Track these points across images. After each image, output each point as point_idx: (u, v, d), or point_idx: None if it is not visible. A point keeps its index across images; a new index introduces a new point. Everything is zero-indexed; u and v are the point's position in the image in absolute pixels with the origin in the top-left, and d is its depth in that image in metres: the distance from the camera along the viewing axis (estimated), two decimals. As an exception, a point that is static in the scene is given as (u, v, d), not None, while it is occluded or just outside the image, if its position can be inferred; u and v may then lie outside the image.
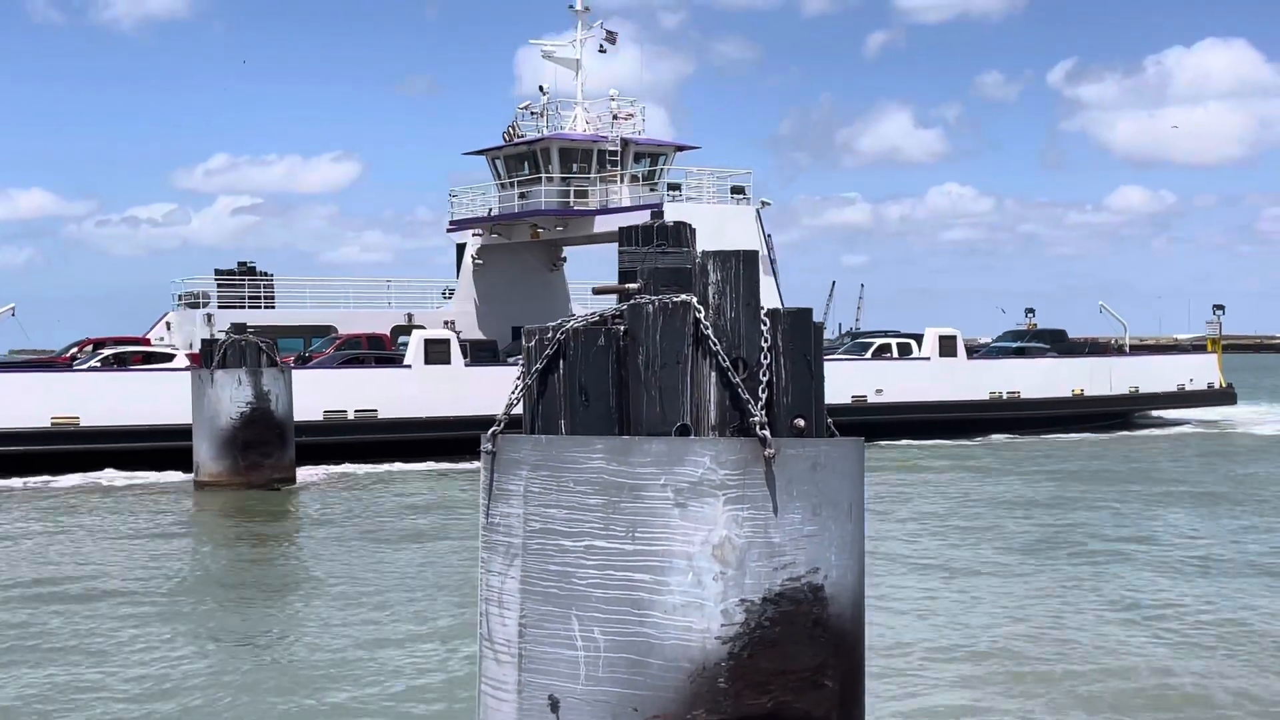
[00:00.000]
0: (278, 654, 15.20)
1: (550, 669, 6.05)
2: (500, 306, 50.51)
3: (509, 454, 6.23)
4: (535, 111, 48.87)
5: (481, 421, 32.07)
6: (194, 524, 26.45)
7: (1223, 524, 24.35)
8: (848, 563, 6.25)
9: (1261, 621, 16.00)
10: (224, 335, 32.80)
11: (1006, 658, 14.44)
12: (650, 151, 48.68)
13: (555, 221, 47.46)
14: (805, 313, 6.37)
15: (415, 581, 19.50)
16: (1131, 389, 50.64)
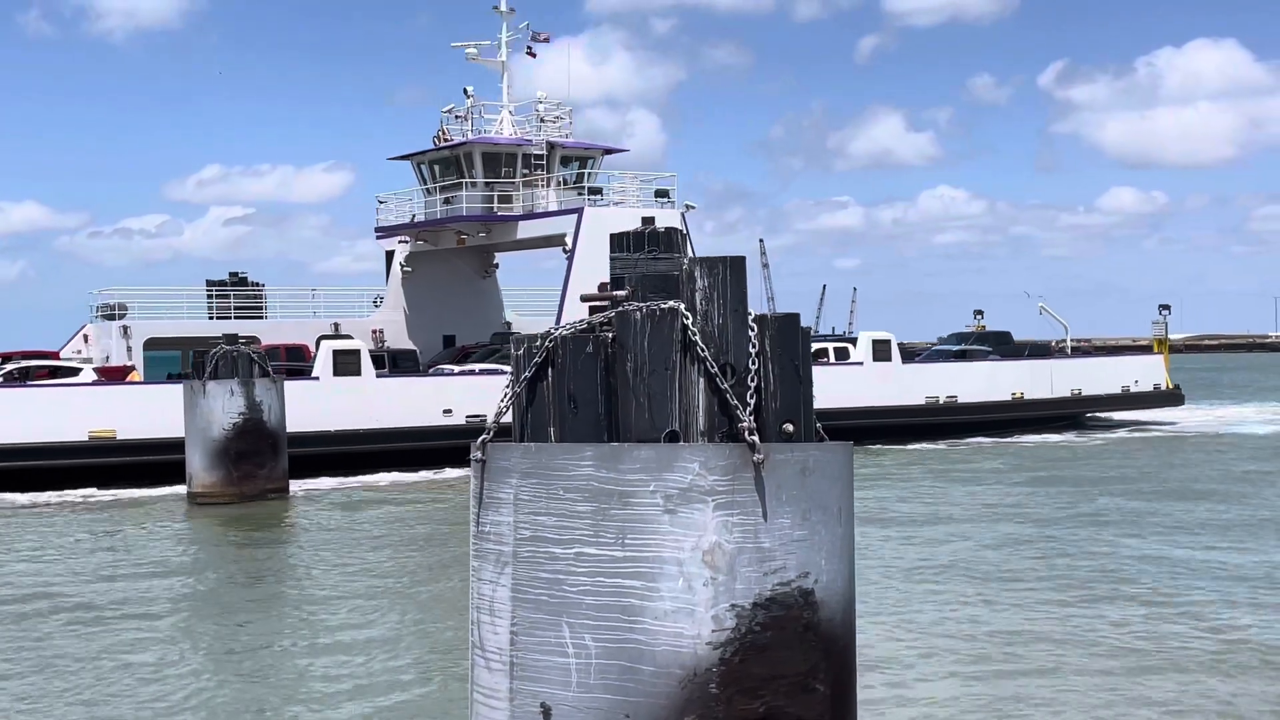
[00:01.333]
0: (269, 666, 15.18)
1: (542, 677, 6.05)
2: (431, 315, 49.61)
3: (498, 462, 6.24)
4: (460, 115, 47.82)
5: (393, 434, 31.24)
6: (188, 537, 26.40)
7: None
8: (838, 567, 6.26)
9: (1257, 634, 16.01)
10: (218, 345, 32.74)
11: (996, 660, 14.46)
12: (578, 155, 47.65)
13: (478, 227, 46.61)
14: (793, 318, 6.39)
15: (409, 591, 19.50)
16: (1074, 391, 49.84)
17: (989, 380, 47.56)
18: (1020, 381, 48.20)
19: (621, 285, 6.45)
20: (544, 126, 47.15)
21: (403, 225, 49.38)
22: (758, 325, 6.25)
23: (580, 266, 41.48)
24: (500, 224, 46.38)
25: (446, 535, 25.17)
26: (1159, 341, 55.07)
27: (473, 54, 48.20)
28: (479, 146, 46.13)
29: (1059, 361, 50.98)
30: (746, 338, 6.21)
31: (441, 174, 47.34)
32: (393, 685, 14.07)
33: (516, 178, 46.18)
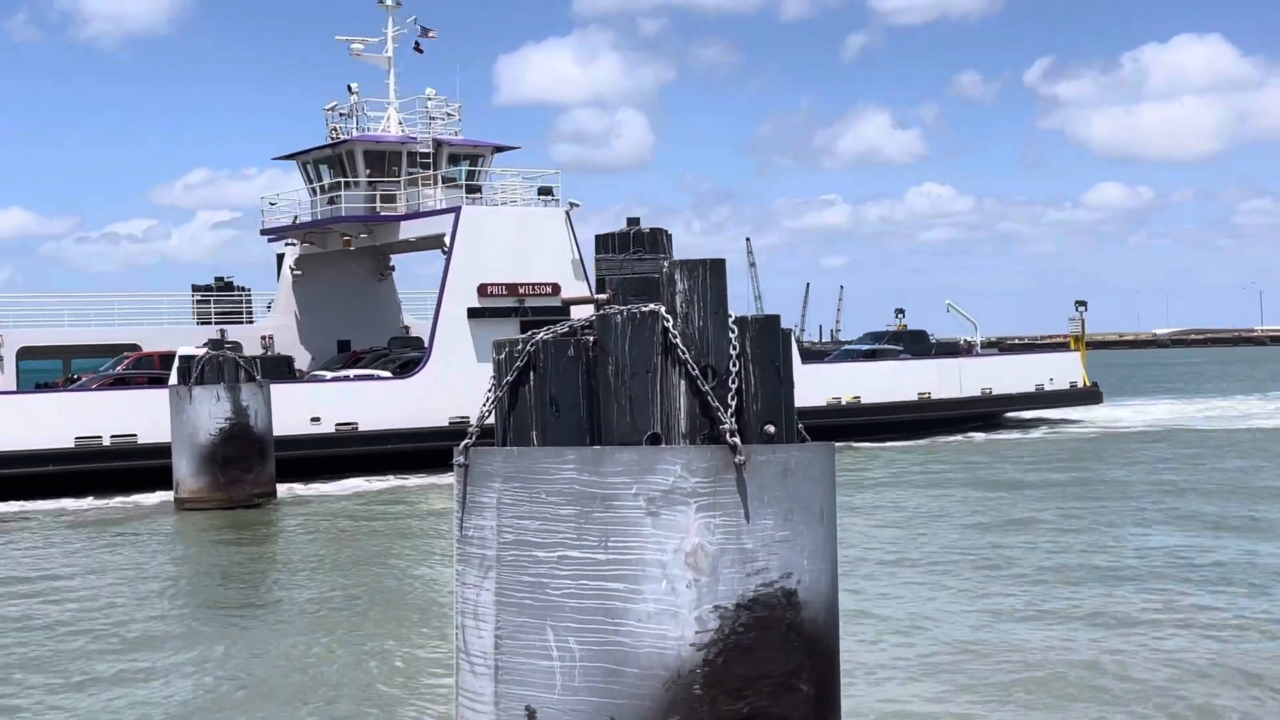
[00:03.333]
0: (251, 672, 15.15)
1: (526, 680, 6.07)
2: (324, 319, 47.29)
3: (481, 466, 6.26)
4: (344, 112, 45.69)
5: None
6: (175, 543, 26.35)
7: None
8: (820, 567, 6.29)
9: (1242, 623, 16.08)
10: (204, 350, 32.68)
11: (980, 660, 14.51)
12: (467, 153, 45.59)
13: (360, 228, 44.52)
14: (773, 320, 6.42)
15: (394, 595, 19.48)
16: (984, 390, 48.44)
17: (894, 380, 46.31)
18: (927, 381, 46.85)
19: (604, 287, 6.48)
20: (433, 124, 45.32)
21: (285, 227, 47.20)
22: (738, 327, 6.28)
23: (458, 267, 40.09)
24: (382, 224, 44.42)
25: (435, 540, 25.15)
26: (1075, 338, 53.86)
27: (357, 50, 46.36)
28: (361, 145, 44.34)
29: (968, 360, 49.62)
30: (727, 340, 6.24)
31: (328, 174, 45.34)
32: (379, 690, 14.06)
33: (402, 176, 44.37)
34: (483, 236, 40.51)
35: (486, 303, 40.24)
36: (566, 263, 41.36)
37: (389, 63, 46.58)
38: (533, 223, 41.69)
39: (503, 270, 40.57)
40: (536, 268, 40.97)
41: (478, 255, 40.31)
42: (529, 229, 41.34)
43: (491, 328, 39.25)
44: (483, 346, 39.29)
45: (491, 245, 40.57)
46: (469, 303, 39.98)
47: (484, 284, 40.19)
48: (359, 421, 37.30)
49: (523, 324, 40.04)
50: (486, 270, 40.36)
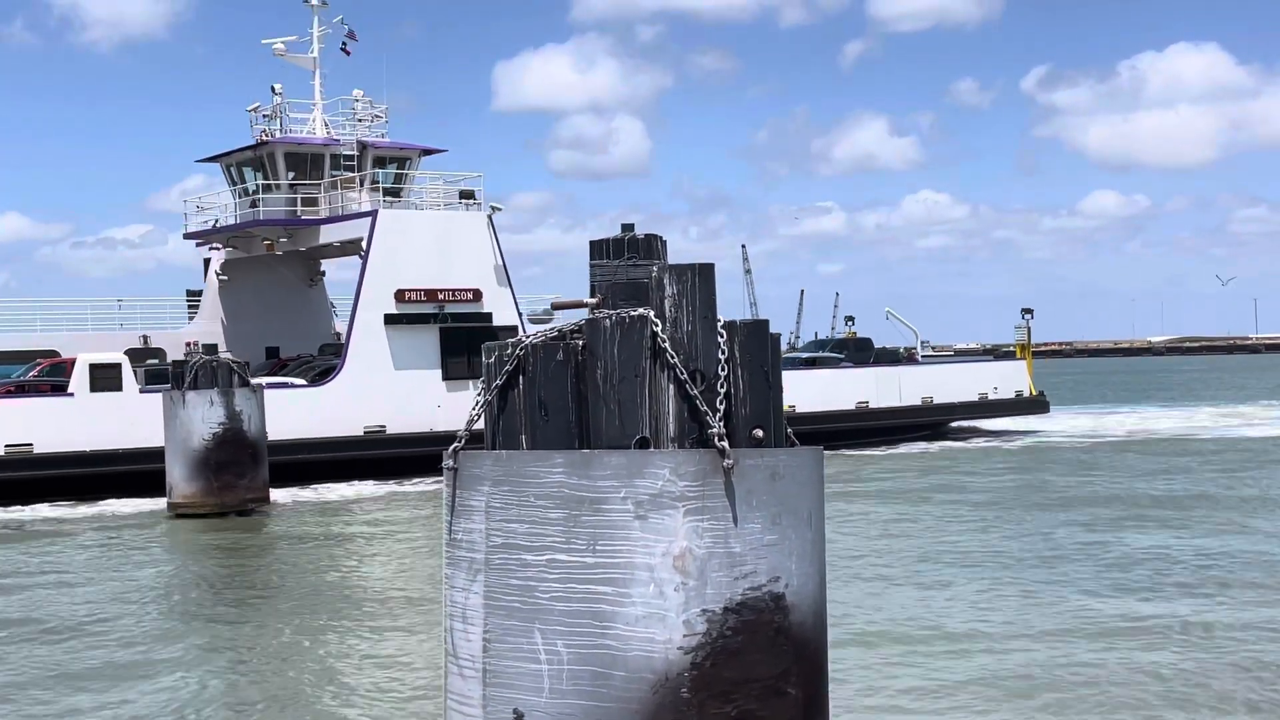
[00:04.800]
0: (239, 676, 15.14)
1: (514, 683, 6.08)
2: (252, 326, 46.26)
3: (470, 470, 6.27)
4: (267, 114, 44.68)
5: (157, 454, 29.82)
6: (167, 549, 26.32)
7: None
8: (808, 571, 6.30)
9: (1227, 633, 16.09)
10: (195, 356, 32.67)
11: (968, 662, 14.52)
12: (394, 156, 44.69)
13: (280, 232, 43.69)
14: (762, 324, 6.43)
15: (385, 599, 19.49)
16: (925, 399, 47.65)
17: (830, 389, 45.25)
18: (865, 390, 45.92)
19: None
20: (359, 126, 44.57)
21: (206, 231, 46.54)
22: (727, 332, 6.29)
23: (375, 271, 39.43)
24: (303, 228, 43.50)
25: (426, 544, 25.15)
26: (1021, 347, 52.97)
27: (280, 50, 45.35)
28: (282, 147, 43.48)
29: (909, 368, 48.71)
30: (716, 344, 6.25)
31: (253, 176, 44.57)
32: (367, 693, 14.06)
33: (325, 179, 43.46)
34: (401, 241, 39.81)
35: (405, 309, 39.57)
36: (489, 268, 40.71)
37: (314, 63, 45.62)
38: (453, 227, 40.97)
39: (422, 276, 39.86)
40: (457, 273, 40.31)
41: (395, 260, 39.55)
42: (449, 233, 40.63)
43: (409, 334, 38.91)
44: (400, 353, 38.96)
45: (410, 250, 39.84)
46: (386, 308, 39.24)
47: (402, 289, 39.51)
48: (268, 431, 35.87)
49: (442, 331, 39.61)
50: (404, 275, 39.69)
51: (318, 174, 43.44)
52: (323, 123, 45.10)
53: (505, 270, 40.97)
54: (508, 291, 41.22)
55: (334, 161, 43.42)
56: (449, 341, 39.91)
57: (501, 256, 41.09)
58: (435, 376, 39.68)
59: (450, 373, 39.88)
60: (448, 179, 43.81)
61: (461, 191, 42.54)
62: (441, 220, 41.34)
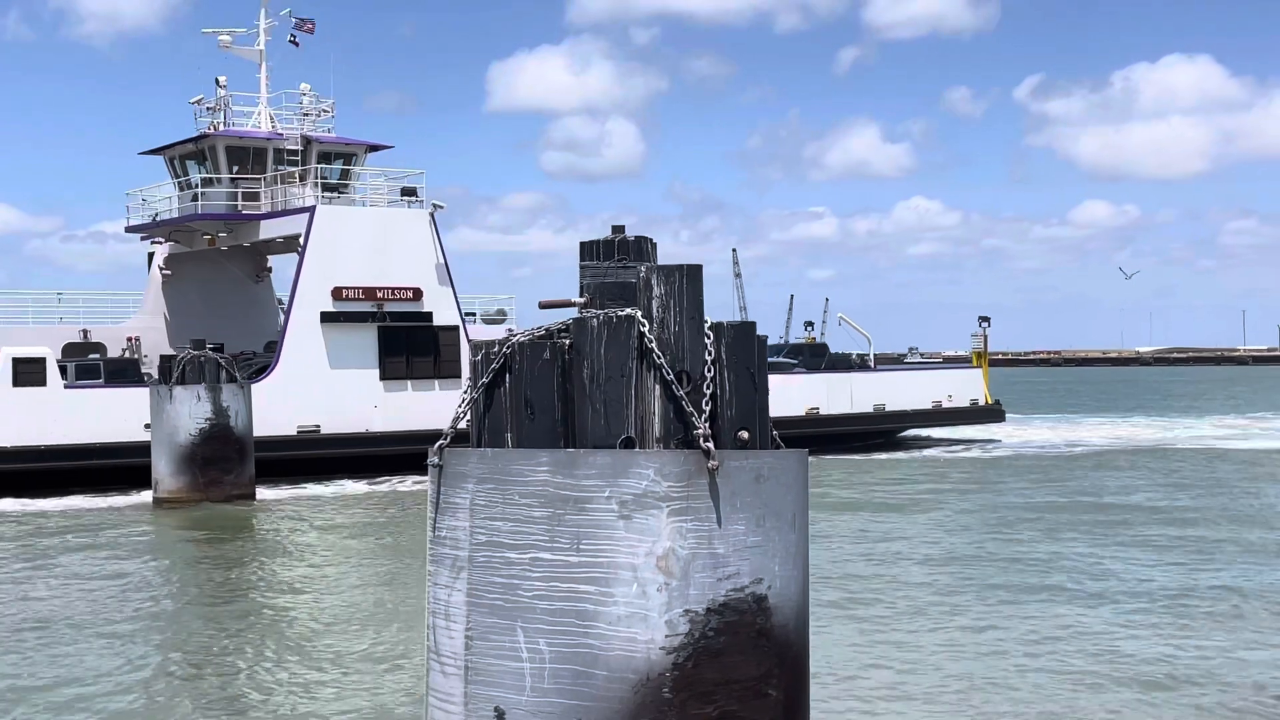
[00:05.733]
0: (220, 670, 15.12)
1: (496, 681, 6.08)
2: (196, 321, 44.63)
3: (455, 467, 6.27)
4: (211, 106, 43.56)
5: (80, 451, 31.65)
6: (151, 543, 26.27)
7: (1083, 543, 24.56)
8: (791, 573, 6.31)
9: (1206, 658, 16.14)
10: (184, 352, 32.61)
11: (949, 667, 14.56)
12: (339, 151, 43.75)
13: (220, 226, 42.78)
14: (749, 326, 6.45)
15: (368, 595, 19.47)
16: (876, 407, 46.61)
17: (779, 394, 43.13)
18: (815, 396, 44.76)
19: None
20: (305, 121, 43.58)
21: (147, 225, 45.51)
22: (714, 333, 6.31)
23: (311, 268, 38.60)
24: (244, 223, 42.61)
25: (409, 542, 25.13)
26: (977, 354, 52.28)
27: (225, 42, 44.37)
28: (223, 140, 42.48)
29: (861, 375, 47.48)
30: (702, 345, 6.27)
31: (196, 170, 43.59)
32: (349, 690, 14.05)
33: (268, 173, 42.48)
34: (339, 237, 39.13)
35: (341, 306, 38.79)
36: (430, 266, 40.04)
37: (260, 56, 44.80)
38: (394, 224, 40.25)
39: (360, 273, 39.13)
40: (397, 271, 39.60)
41: (333, 257, 38.88)
42: (390, 231, 39.90)
43: (347, 333, 38.27)
44: (337, 352, 38.26)
45: (348, 247, 39.12)
46: (322, 306, 38.51)
47: (339, 287, 38.79)
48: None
49: (381, 330, 38.98)
50: (342, 273, 38.97)
51: (260, 168, 42.70)
52: (268, 116, 44.37)
53: (447, 269, 40.35)
54: (449, 291, 40.52)
55: (278, 156, 42.67)
56: (387, 341, 39.22)
57: (443, 255, 40.42)
58: (372, 376, 38.91)
59: (388, 372, 39.19)
60: (390, 176, 43.04)
61: (403, 189, 41.78)
62: (381, 217, 40.62)
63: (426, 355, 39.81)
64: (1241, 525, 25.94)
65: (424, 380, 39.78)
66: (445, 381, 39.78)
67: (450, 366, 39.85)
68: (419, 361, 39.72)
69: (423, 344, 39.74)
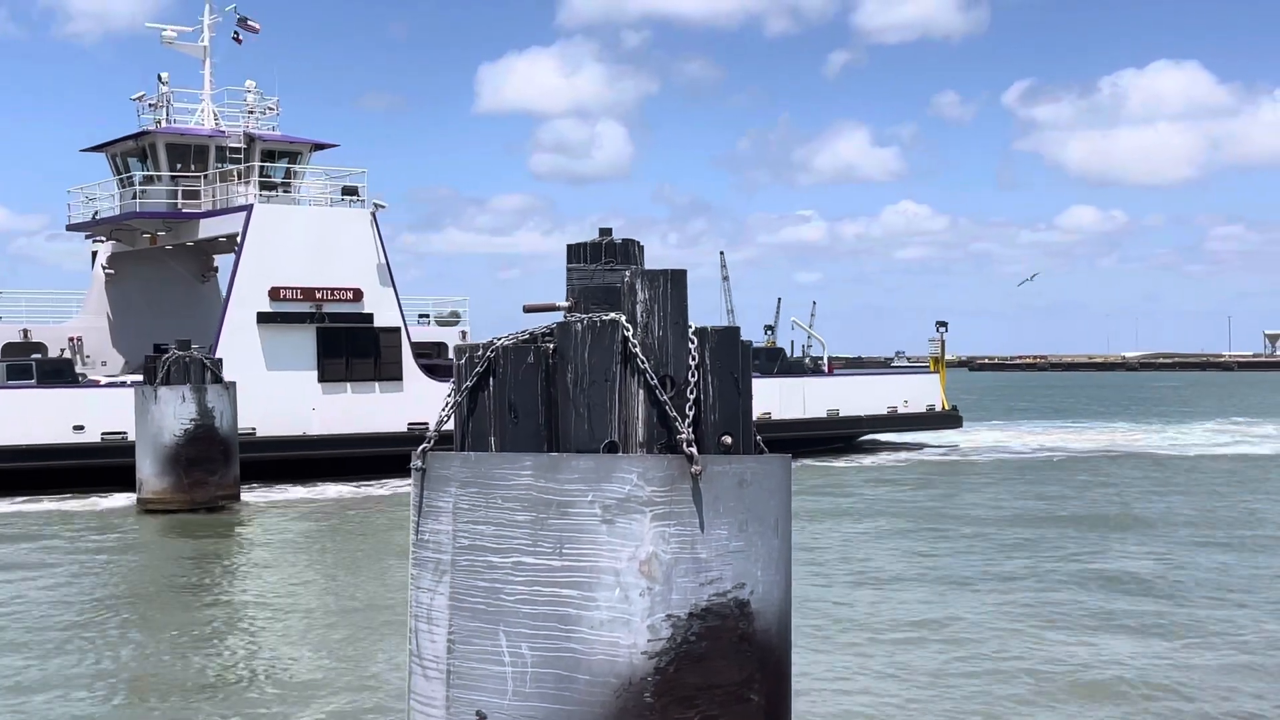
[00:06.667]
0: (201, 672, 15.07)
1: (478, 685, 6.08)
2: (139, 321, 44.43)
3: (438, 471, 6.26)
4: (153, 103, 42.89)
5: (13, 453, 31.82)
6: (135, 544, 26.18)
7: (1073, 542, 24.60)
8: (774, 578, 6.32)
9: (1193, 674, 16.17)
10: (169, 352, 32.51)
11: (932, 671, 14.59)
12: (283, 149, 43.02)
13: (159, 225, 42.11)
14: (733, 331, 6.45)
15: (351, 598, 19.43)
16: (830, 412, 46.23)
17: None
18: (767, 401, 43.35)
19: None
20: (249, 119, 42.87)
21: (86, 223, 44.71)
22: (698, 338, 6.31)
23: (248, 268, 37.96)
24: (184, 222, 41.87)
25: (392, 546, 25.09)
26: (935, 360, 51.94)
27: (169, 38, 43.63)
28: (163, 137, 41.75)
29: (815, 380, 47.10)
30: (686, 350, 6.27)
31: (138, 167, 42.86)
32: (330, 692, 14.02)
33: (209, 171, 41.80)
34: (277, 236, 38.56)
35: (279, 307, 38.20)
36: (371, 267, 39.48)
37: (204, 52, 44.19)
38: (334, 223, 39.61)
39: (298, 273, 38.53)
40: (337, 271, 39.01)
41: (270, 256, 38.28)
42: (329, 230, 39.32)
43: (284, 333, 37.65)
44: (273, 353, 37.64)
45: (286, 246, 38.50)
46: (259, 306, 37.90)
47: (276, 287, 38.22)
48: (128, 431, 34.42)
49: (320, 331, 38.39)
50: (280, 272, 38.40)
51: (202, 166, 42.09)
52: (212, 114, 43.73)
53: (389, 269, 39.76)
54: (391, 292, 39.93)
55: (220, 154, 41.99)
56: (326, 342, 38.59)
57: (385, 255, 39.84)
58: (310, 378, 38.23)
59: (327, 374, 38.56)
60: (332, 175, 42.39)
61: (344, 188, 40.99)
62: (321, 217, 39.99)
63: (367, 357, 39.21)
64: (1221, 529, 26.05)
65: (364, 382, 39.22)
66: (386, 384, 39.30)
67: (391, 369, 39.36)
68: (359, 363, 39.15)
69: (363, 346, 39.18)
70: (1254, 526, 26.92)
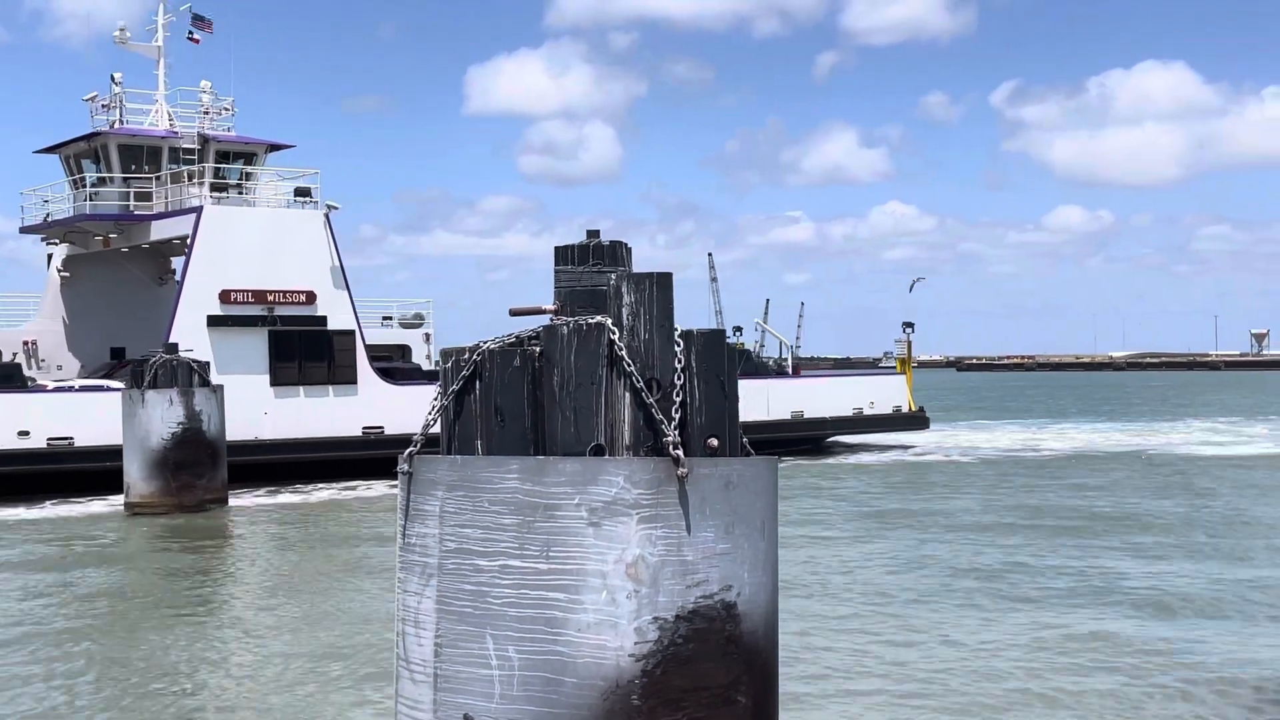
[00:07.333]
0: (190, 676, 15.05)
1: (465, 688, 6.08)
2: (96, 325, 44.08)
3: (425, 474, 6.27)
4: (106, 104, 42.35)
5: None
6: (122, 548, 26.13)
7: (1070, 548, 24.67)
8: (761, 580, 6.34)
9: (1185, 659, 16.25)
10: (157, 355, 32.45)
11: (919, 673, 14.63)
12: (238, 150, 42.54)
13: (110, 227, 41.58)
14: (718, 334, 6.47)
15: (338, 602, 19.41)
16: (794, 414, 45.90)
17: None
18: None
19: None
20: (204, 119, 42.39)
21: (38, 225, 44.08)
22: (684, 341, 6.33)
23: (198, 270, 37.49)
24: (135, 224, 41.32)
25: (381, 547, 25.06)
26: (901, 361, 51.94)
27: (123, 37, 42.97)
28: (115, 138, 41.23)
29: (779, 381, 46.79)
30: (672, 353, 6.28)
31: (92, 168, 42.25)
32: (318, 696, 14.01)
33: (163, 172, 41.24)
34: (227, 238, 38.14)
35: (230, 310, 37.77)
36: (325, 269, 39.11)
37: (159, 52, 43.67)
38: (286, 225, 39.18)
39: (250, 275, 38.12)
40: (289, 274, 38.63)
41: (221, 258, 37.83)
42: (282, 232, 38.90)
43: (235, 337, 37.16)
44: (224, 356, 37.00)
45: (237, 248, 38.08)
46: (209, 309, 37.46)
47: (227, 290, 37.80)
48: (75, 437, 34.32)
49: (272, 334, 38.00)
50: (231, 275, 37.96)
51: (155, 167, 41.57)
52: (167, 114, 43.26)
53: (343, 272, 39.35)
54: (345, 294, 39.52)
55: (173, 155, 41.51)
56: (279, 345, 38.18)
57: (338, 257, 39.38)
58: (263, 382, 37.72)
59: (279, 378, 38.13)
60: (286, 175, 41.90)
61: (297, 189, 40.37)
62: (273, 218, 39.56)
63: (320, 360, 38.81)
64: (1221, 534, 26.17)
65: (317, 386, 38.78)
66: (340, 388, 38.93)
67: (345, 372, 39.02)
68: (312, 367, 38.76)
69: (316, 349, 38.79)
70: (1251, 528, 26.97)
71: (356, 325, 39.63)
